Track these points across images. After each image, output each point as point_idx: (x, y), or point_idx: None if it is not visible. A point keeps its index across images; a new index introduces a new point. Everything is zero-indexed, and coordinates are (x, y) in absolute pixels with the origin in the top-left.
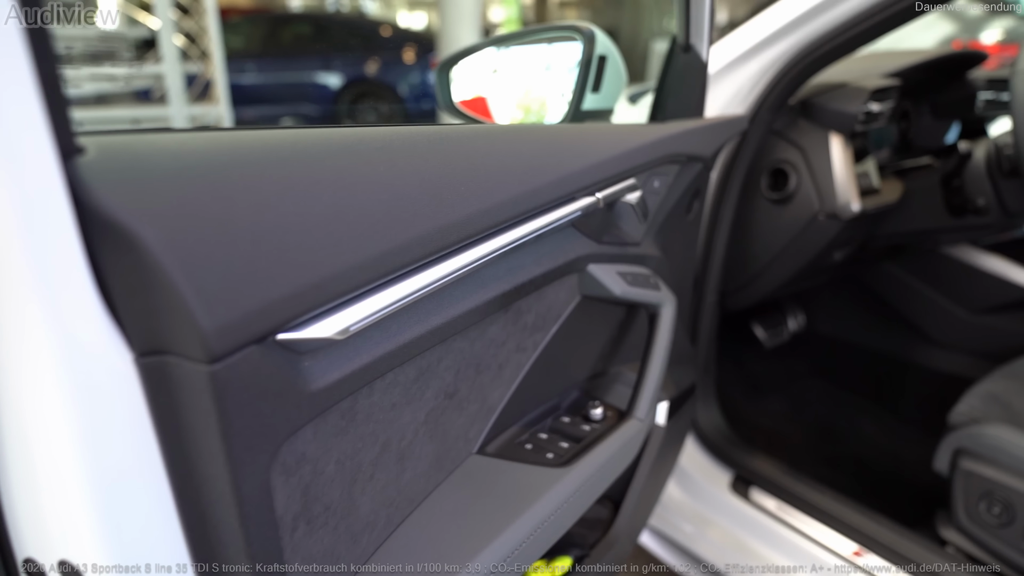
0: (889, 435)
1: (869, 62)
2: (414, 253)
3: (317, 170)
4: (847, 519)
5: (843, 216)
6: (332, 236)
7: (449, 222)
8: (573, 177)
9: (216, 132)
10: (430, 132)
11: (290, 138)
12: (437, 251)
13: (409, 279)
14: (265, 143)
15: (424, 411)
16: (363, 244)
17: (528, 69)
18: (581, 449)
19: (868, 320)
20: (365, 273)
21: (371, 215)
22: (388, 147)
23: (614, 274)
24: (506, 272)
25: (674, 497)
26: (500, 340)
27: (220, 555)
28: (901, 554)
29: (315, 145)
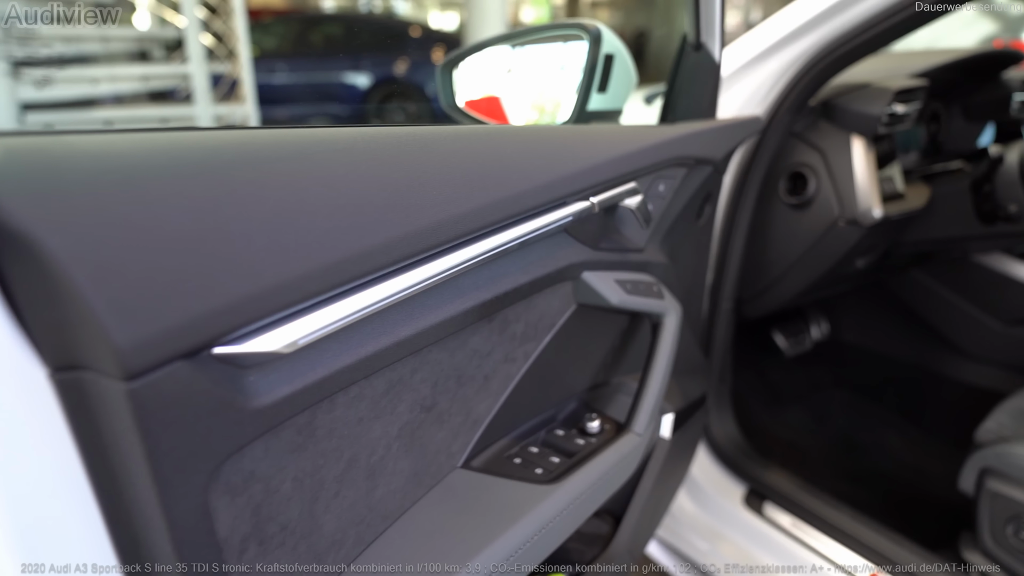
0: (914, 450)
1: (895, 61)
2: (375, 262)
3: (264, 173)
4: (864, 538)
5: (864, 222)
6: (277, 244)
7: (416, 229)
8: (563, 181)
9: (153, 134)
10: (401, 133)
11: (237, 140)
12: (402, 259)
13: (370, 289)
14: (208, 145)
15: (397, 425)
16: (313, 253)
17: (532, 69)
18: (573, 465)
19: (895, 329)
20: (315, 283)
21: (324, 222)
22: (350, 149)
23: (611, 282)
24: (487, 280)
25: (685, 510)
26: (485, 351)
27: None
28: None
29: (265, 147)
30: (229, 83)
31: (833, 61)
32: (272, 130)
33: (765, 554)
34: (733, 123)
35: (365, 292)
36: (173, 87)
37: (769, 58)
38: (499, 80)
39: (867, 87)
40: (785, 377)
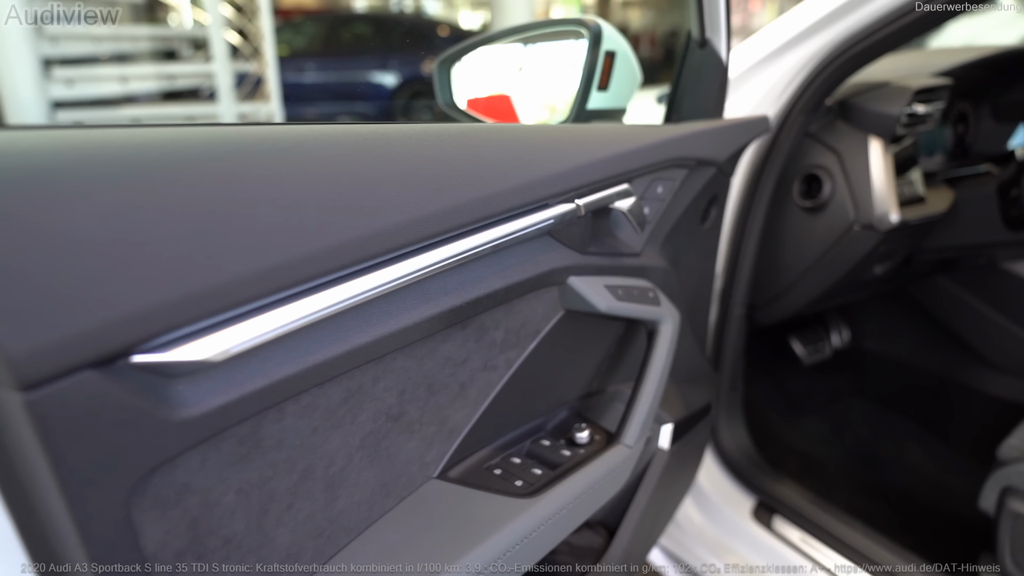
0: (936, 464)
1: (919, 59)
2: (320, 266)
3: (195, 173)
4: (876, 556)
5: (880, 227)
6: (206, 247)
7: (369, 232)
8: (542, 182)
9: (83, 131)
10: (361, 132)
11: (169, 137)
12: (353, 264)
13: (319, 293)
14: (136, 143)
15: (359, 435)
16: (248, 256)
17: (531, 66)
18: (555, 477)
19: (918, 338)
20: (250, 289)
21: (262, 223)
22: (298, 147)
23: (601, 287)
24: (457, 285)
25: (692, 520)
26: (459, 358)
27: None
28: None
29: (200, 145)
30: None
31: (850, 58)
32: (211, 127)
33: (771, 570)
34: (738, 123)
35: (312, 297)
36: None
37: (783, 55)
38: (497, 78)
39: (886, 86)
40: (803, 385)
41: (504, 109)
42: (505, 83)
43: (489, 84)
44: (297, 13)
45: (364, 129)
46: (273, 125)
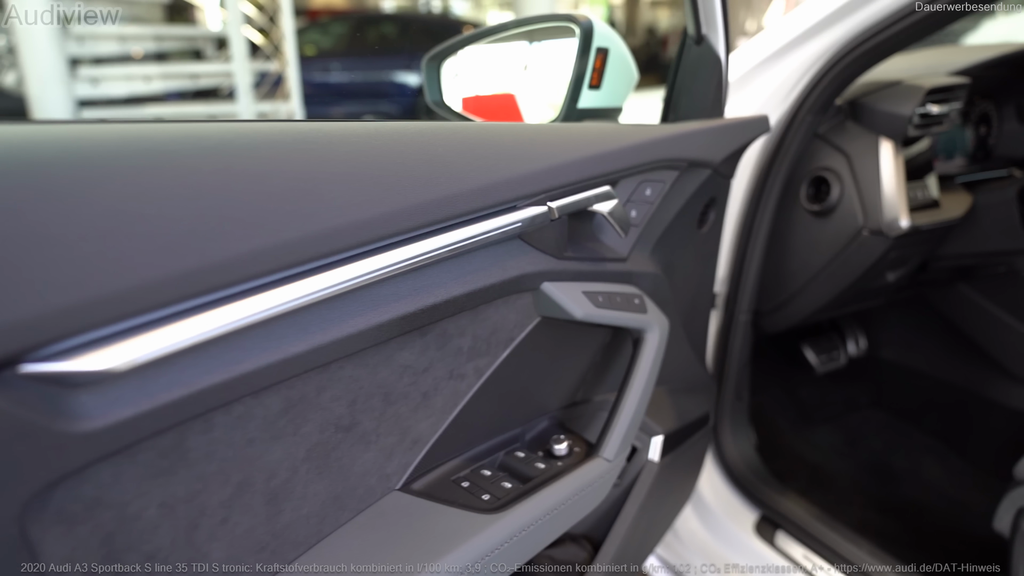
0: (954, 480)
1: (936, 57)
2: (242, 271)
3: (107, 172)
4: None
5: (890, 233)
6: (110, 250)
7: (302, 236)
8: (507, 184)
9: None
10: (302, 130)
11: (81, 135)
12: (281, 268)
13: (246, 299)
14: (40, 139)
15: (304, 447)
16: (159, 260)
17: (522, 64)
18: (525, 491)
19: (938, 348)
20: (159, 295)
21: (178, 226)
22: (226, 146)
23: (578, 294)
24: (411, 291)
25: (693, 532)
26: (420, 366)
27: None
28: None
29: (114, 143)
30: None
31: (860, 56)
32: (130, 125)
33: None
34: (734, 123)
35: (237, 303)
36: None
37: (790, 53)
38: (486, 75)
39: (897, 85)
40: (816, 395)
41: (495, 108)
42: (495, 81)
43: (479, 82)
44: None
45: (306, 127)
46: (209, 123)
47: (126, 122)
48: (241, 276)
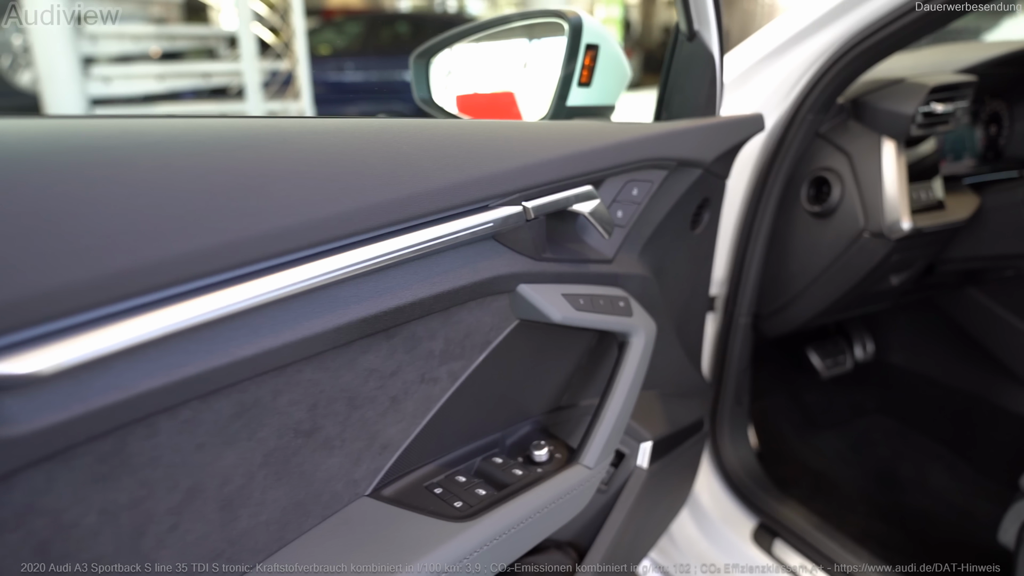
0: (962, 489)
1: (942, 55)
2: (181, 271)
3: (28, 168)
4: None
5: (891, 236)
6: (35, 250)
7: (248, 236)
8: (479, 183)
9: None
10: (255, 126)
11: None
12: (225, 269)
13: (186, 302)
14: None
15: (261, 452)
16: (87, 261)
17: (512, 60)
18: (499, 499)
19: (948, 353)
20: (86, 296)
21: (108, 224)
22: (167, 142)
23: (557, 296)
24: (373, 293)
25: (689, 538)
26: (387, 370)
27: None
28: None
29: (40, 139)
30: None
31: (862, 53)
32: (70, 120)
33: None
34: (726, 122)
35: (177, 306)
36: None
37: (791, 50)
38: (476, 72)
39: (900, 83)
40: (822, 400)
41: (493, 106)
42: (487, 79)
43: (472, 80)
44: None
45: (259, 123)
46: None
47: (70, 118)
48: (178, 277)
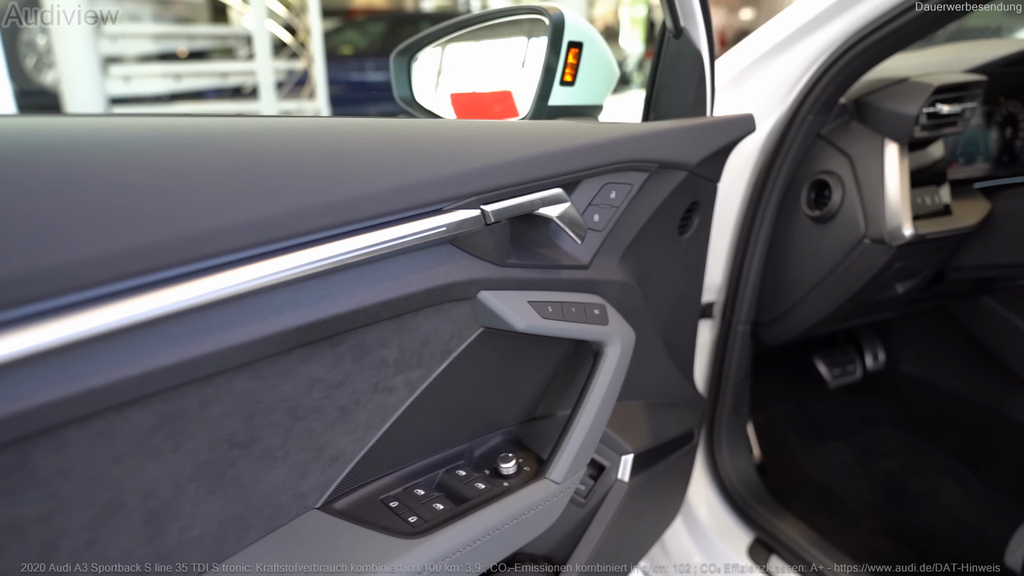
0: (974, 506)
1: (952, 53)
2: (84, 277)
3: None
4: None
5: (892, 242)
6: None
7: (158, 240)
8: (430, 185)
9: None
10: (177, 125)
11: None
12: (134, 275)
13: (89, 310)
14: None
15: (190, 464)
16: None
17: (493, 58)
18: (456, 514)
19: (962, 363)
20: None
21: None
22: (76, 140)
23: (522, 303)
24: (310, 300)
25: (684, 550)
26: (334, 379)
27: None
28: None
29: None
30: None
31: (865, 50)
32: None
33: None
34: (712, 122)
35: (81, 314)
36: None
37: (790, 48)
38: (459, 70)
39: (904, 82)
40: (830, 410)
41: (491, 105)
42: (468, 76)
43: (448, 77)
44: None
45: (181, 122)
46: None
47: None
48: (78, 283)
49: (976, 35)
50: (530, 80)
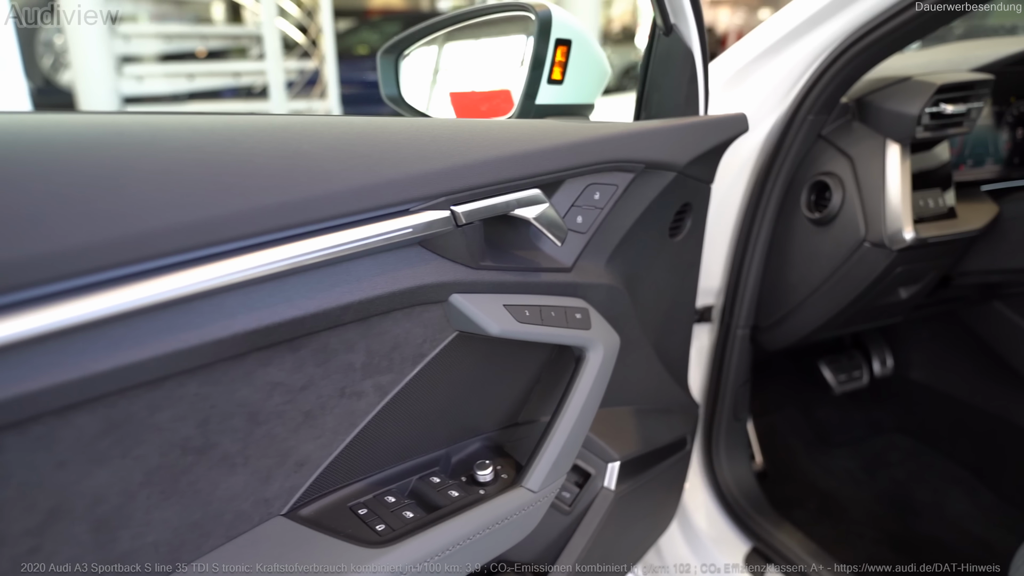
0: (982, 517)
1: (959, 52)
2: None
3: None
4: None
5: (892, 246)
6: None
7: (91, 241)
8: (393, 185)
9: None
10: (121, 122)
11: None
12: (66, 277)
13: (20, 314)
14: None
15: (141, 470)
16: None
17: (489, 56)
18: (425, 523)
19: (972, 370)
20: None
21: None
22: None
23: (498, 307)
24: (264, 304)
25: (680, 558)
26: (296, 384)
27: None
28: None
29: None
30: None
31: (867, 48)
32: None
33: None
34: (702, 122)
35: (9, 318)
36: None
37: (790, 46)
38: (452, 68)
39: (906, 81)
40: (836, 416)
41: (480, 103)
42: (463, 74)
43: (445, 75)
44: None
45: (128, 119)
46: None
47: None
48: (9, 284)
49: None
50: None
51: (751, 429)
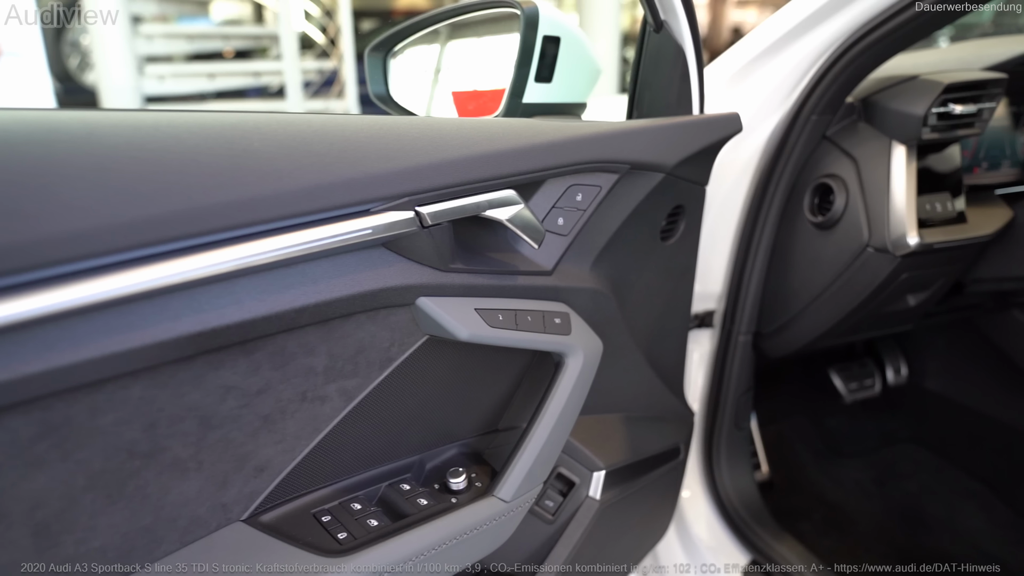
0: (996, 532)
1: (971, 50)
2: None
3: None
4: None
5: (895, 251)
6: None
7: (13, 241)
8: (351, 185)
9: None
10: (61, 119)
11: None
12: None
13: None
14: None
15: (83, 474)
16: None
17: (472, 54)
18: (388, 532)
19: (989, 380)
20: None
21: None
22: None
23: (469, 311)
24: (211, 305)
25: (678, 567)
26: (252, 387)
27: None
28: None
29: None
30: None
31: (871, 46)
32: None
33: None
34: (692, 121)
35: None
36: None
37: (792, 44)
38: (435, 67)
39: (913, 80)
40: (847, 426)
41: (480, 103)
42: (445, 73)
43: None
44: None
45: (62, 116)
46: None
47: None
48: None
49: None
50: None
51: (757, 438)
